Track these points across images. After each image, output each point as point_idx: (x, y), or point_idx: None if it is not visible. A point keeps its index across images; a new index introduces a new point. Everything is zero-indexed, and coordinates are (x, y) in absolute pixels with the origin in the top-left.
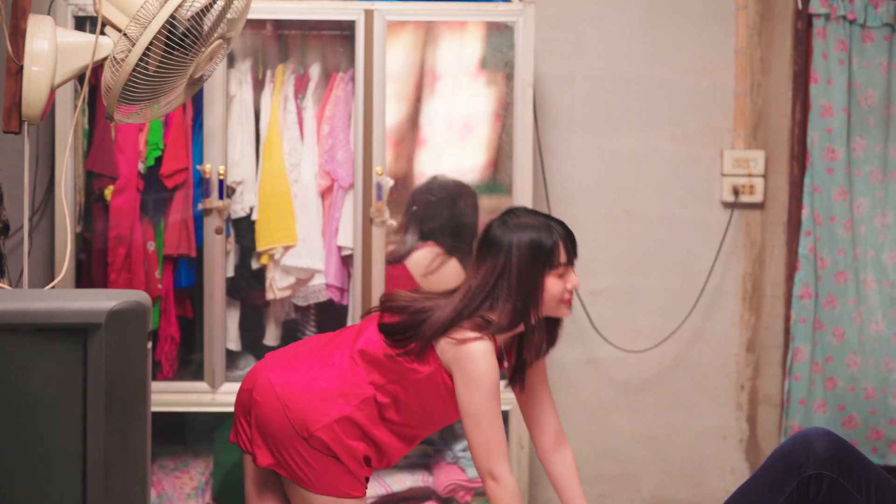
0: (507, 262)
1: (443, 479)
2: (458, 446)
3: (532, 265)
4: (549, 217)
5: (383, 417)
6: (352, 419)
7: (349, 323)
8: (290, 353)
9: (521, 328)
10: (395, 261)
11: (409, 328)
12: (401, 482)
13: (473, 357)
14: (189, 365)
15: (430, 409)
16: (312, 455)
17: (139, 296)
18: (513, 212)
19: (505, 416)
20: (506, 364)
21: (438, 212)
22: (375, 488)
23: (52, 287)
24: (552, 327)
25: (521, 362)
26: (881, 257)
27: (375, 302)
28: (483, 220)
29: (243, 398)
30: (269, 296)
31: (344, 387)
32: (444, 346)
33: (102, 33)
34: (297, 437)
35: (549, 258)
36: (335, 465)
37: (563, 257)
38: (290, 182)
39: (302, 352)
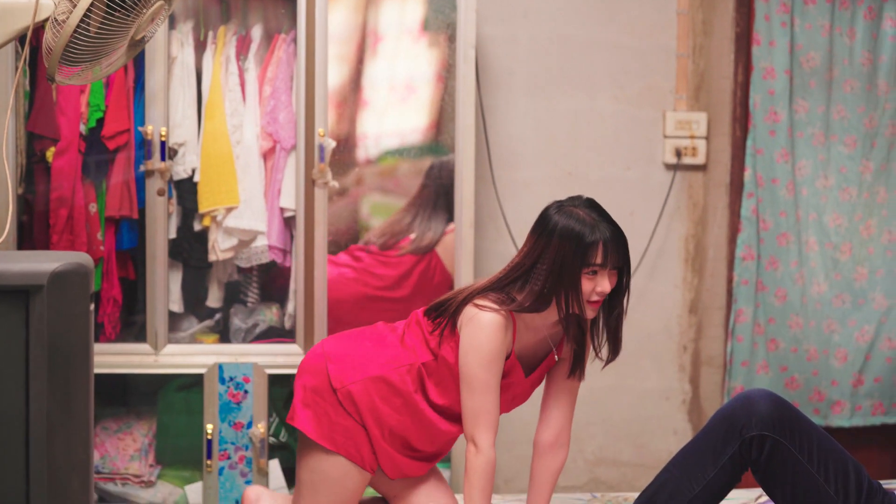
0: (546, 245)
1: None
2: None
3: (567, 256)
4: (604, 216)
5: (425, 390)
6: (388, 380)
7: (291, 284)
8: (348, 331)
9: (554, 313)
10: (426, 250)
11: (446, 303)
12: None
13: (480, 324)
14: (131, 327)
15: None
16: (339, 412)
17: (81, 258)
18: (576, 199)
19: None
20: (557, 357)
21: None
22: None
23: None
24: (613, 335)
25: (577, 356)
26: (823, 219)
27: (319, 263)
28: (420, 182)
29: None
30: (212, 257)
31: (391, 354)
32: (462, 311)
33: None
34: (329, 389)
35: (584, 255)
36: (357, 429)
37: (598, 258)
38: (232, 144)
39: (360, 330)
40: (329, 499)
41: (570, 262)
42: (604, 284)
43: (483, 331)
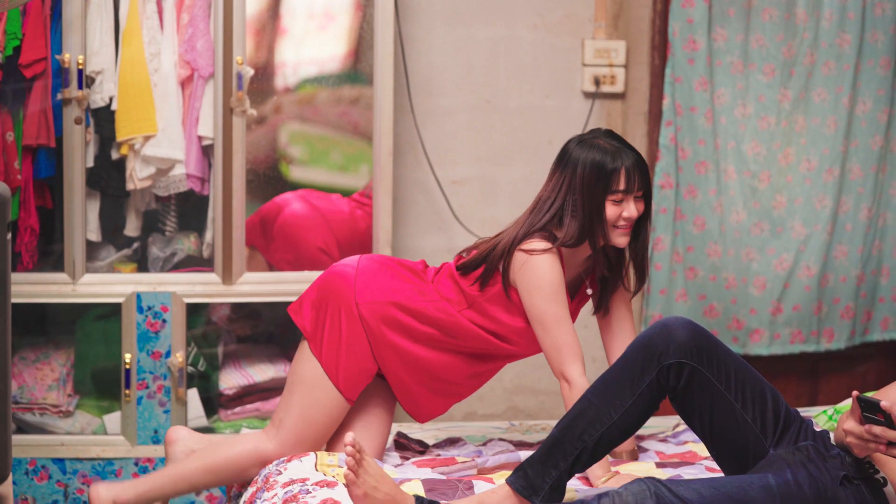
0: (572, 178)
1: None
2: None
3: (593, 185)
4: (625, 144)
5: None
6: (421, 311)
7: (209, 213)
8: (388, 257)
9: (587, 248)
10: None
11: (482, 257)
12: (262, 372)
13: (536, 264)
14: (49, 256)
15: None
16: (346, 323)
17: None
18: (596, 131)
19: None
20: (589, 291)
21: None
22: (237, 378)
23: None
24: (639, 261)
25: (603, 288)
26: (742, 147)
27: (237, 192)
28: (344, 110)
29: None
30: (130, 186)
31: (427, 290)
32: (513, 259)
33: None
34: (350, 300)
35: (607, 182)
36: (361, 349)
37: (621, 184)
38: (149, 72)
39: (399, 260)
40: (300, 405)
41: (594, 191)
42: (630, 209)
43: (541, 266)
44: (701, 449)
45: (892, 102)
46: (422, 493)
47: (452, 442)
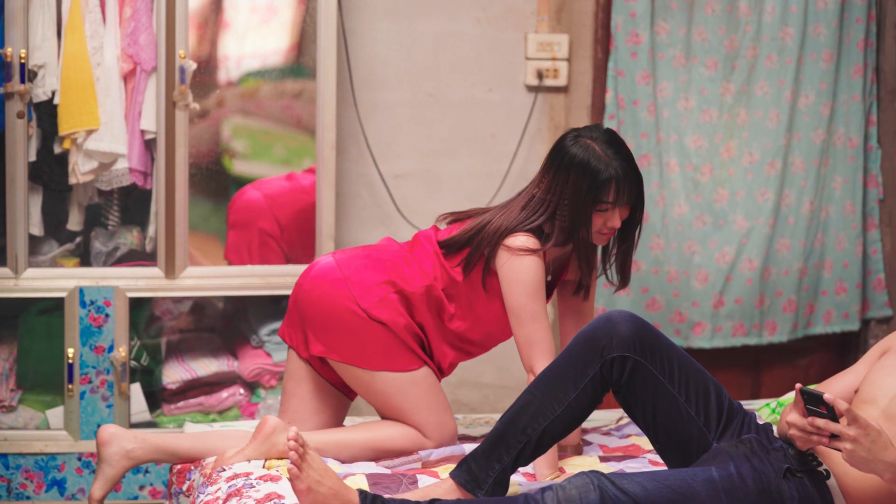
0: (565, 180)
1: (248, 363)
2: (264, 330)
3: (583, 195)
4: (620, 152)
5: (442, 313)
6: (406, 293)
7: (152, 207)
8: (355, 248)
9: (570, 246)
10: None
11: (467, 239)
12: (206, 367)
13: (520, 262)
14: None
15: (484, 317)
16: (369, 329)
17: None
18: (594, 130)
19: None
20: (565, 278)
21: None
22: (180, 373)
23: None
24: (622, 266)
25: (581, 279)
26: (684, 141)
27: (180, 186)
28: (286, 103)
29: (299, 287)
30: (72, 180)
31: (413, 272)
32: (497, 253)
33: None
34: (357, 311)
35: (597, 192)
36: (387, 334)
37: (610, 196)
38: (92, 66)
39: (369, 248)
40: (414, 408)
41: (584, 201)
42: (614, 220)
43: (524, 267)
44: (644, 442)
45: (834, 96)
46: (366, 488)
47: None
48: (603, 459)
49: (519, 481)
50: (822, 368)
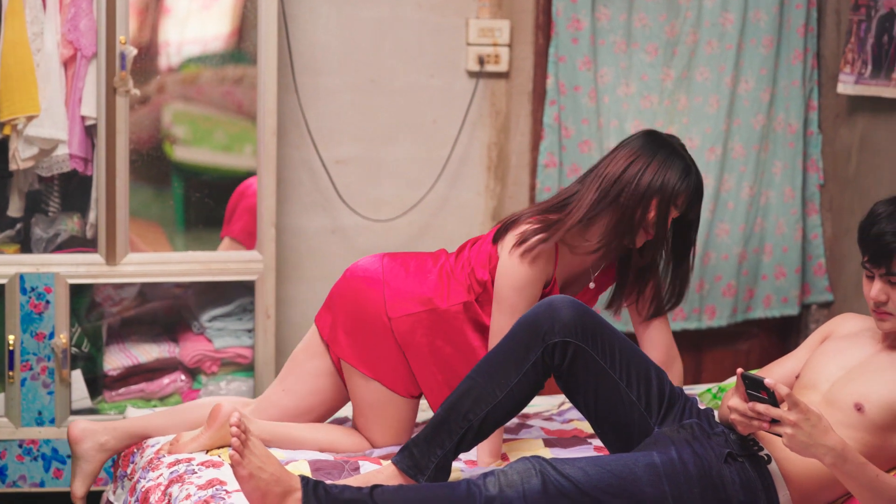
0: (645, 165)
1: (189, 349)
2: (205, 317)
3: (658, 182)
4: (691, 162)
5: (478, 323)
6: (445, 314)
7: (93, 194)
8: (407, 254)
9: (589, 238)
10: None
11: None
12: (147, 353)
13: (518, 258)
14: None
15: None
16: (384, 339)
17: None
18: (673, 137)
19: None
20: (592, 285)
21: None
22: (121, 359)
23: None
24: (681, 286)
25: (621, 287)
26: (625, 126)
27: (120, 172)
28: (228, 89)
29: (343, 276)
30: (13, 166)
31: (450, 287)
32: (505, 239)
33: None
34: (382, 316)
35: (675, 190)
36: (399, 357)
37: (680, 201)
38: (32, 51)
39: (420, 256)
40: (379, 424)
41: (660, 189)
42: (668, 224)
43: (521, 262)
44: (586, 427)
45: (774, 81)
46: (308, 473)
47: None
48: (546, 444)
49: (461, 467)
50: (763, 353)
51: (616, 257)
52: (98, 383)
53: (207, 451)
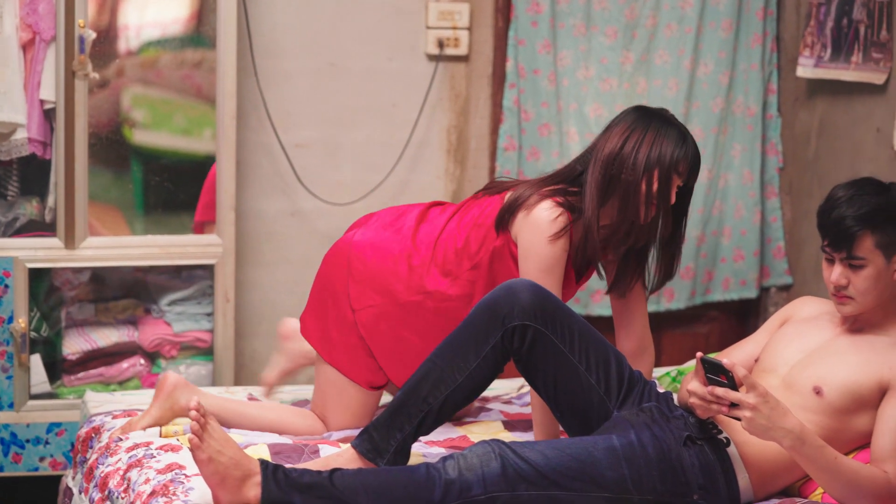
0: (641, 137)
1: (148, 333)
2: (164, 301)
3: (657, 152)
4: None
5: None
6: (401, 303)
7: (52, 178)
8: (382, 217)
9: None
10: None
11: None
12: (106, 337)
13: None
14: None
15: None
16: (345, 328)
17: None
18: (663, 110)
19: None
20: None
21: None
22: (80, 343)
23: None
24: (670, 259)
25: (622, 270)
26: (584, 110)
27: (79, 156)
28: (187, 73)
29: (323, 262)
30: None
31: (414, 276)
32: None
33: None
34: (346, 308)
35: (675, 157)
36: (363, 348)
37: (681, 167)
38: None
39: (392, 220)
40: (336, 405)
41: (658, 160)
42: (674, 193)
43: (550, 243)
44: None
45: (733, 65)
46: (267, 457)
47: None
48: (506, 427)
49: (422, 451)
50: (722, 336)
51: (622, 243)
52: (57, 367)
53: (161, 434)
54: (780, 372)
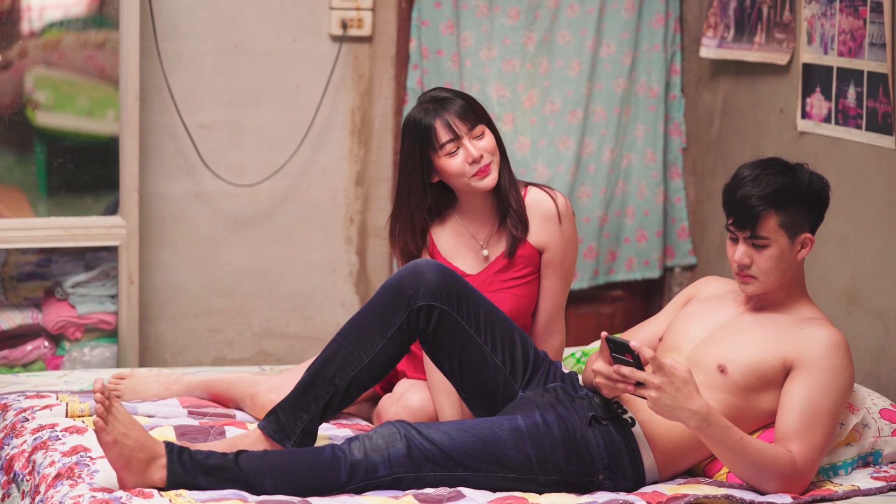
0: (402, 147)
1: (52, 315)
2: (68, 283)
3: (416, 149)
4: (440, 94)
5: None
6: None
7: None
8: None
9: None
10: None
11: None
12: (9, 319)
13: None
14: None
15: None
16: None
17: None
18: (427, 93)
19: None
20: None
21: None
22: None
23: None
24: (516, 206)
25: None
26: (487, 90)
27: None
28: (90, 54)
29: None
30: None
31: None
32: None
33: None
34: None
35: (427, 140)
36: None
37: (442, 136)
38: None
39: None
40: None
41: (421, 154)
42: (469, 150)
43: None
44: None
45: (635, 45)
46: (173, 439)
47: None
48: None
49: (329, 433)
50: (627, 315)
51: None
52: None
53: (68, 414)
54: (684, 350)
